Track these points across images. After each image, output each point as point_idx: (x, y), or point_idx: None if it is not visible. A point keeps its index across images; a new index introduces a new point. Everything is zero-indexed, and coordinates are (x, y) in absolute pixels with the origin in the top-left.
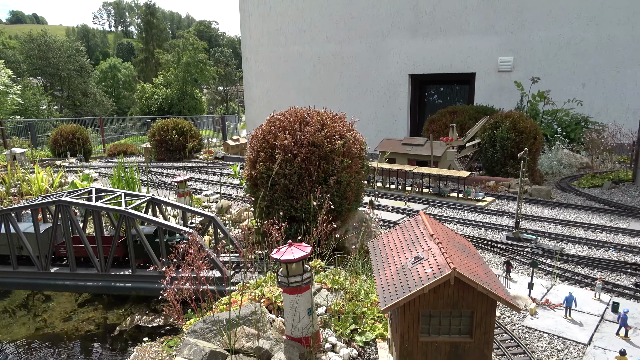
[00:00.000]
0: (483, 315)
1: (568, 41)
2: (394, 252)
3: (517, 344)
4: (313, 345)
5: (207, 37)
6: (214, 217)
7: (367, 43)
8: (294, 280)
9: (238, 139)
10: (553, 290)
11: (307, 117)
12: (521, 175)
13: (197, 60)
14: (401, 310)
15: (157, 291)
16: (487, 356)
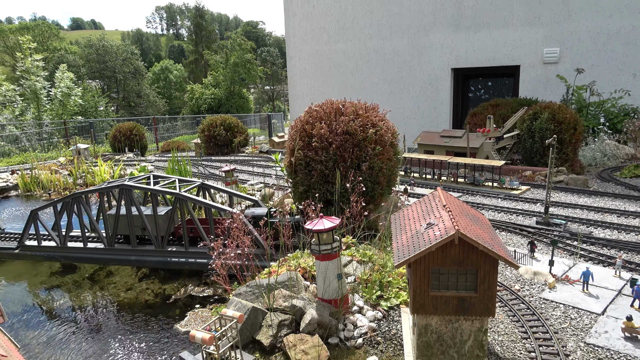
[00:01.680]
0: (486, 272)
1: (618, 30)
2: (411, 221)
3: (532, 312)
4: (341, 306)
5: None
6: (258, 201)
7: (409, 38)
8: (325, 248)
9: (283, 135)
10: (574, 269)
11: (341, 107)
12: (550, 161)
13: (245, 60)
14: (413, 267)
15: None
16: (491, 309)
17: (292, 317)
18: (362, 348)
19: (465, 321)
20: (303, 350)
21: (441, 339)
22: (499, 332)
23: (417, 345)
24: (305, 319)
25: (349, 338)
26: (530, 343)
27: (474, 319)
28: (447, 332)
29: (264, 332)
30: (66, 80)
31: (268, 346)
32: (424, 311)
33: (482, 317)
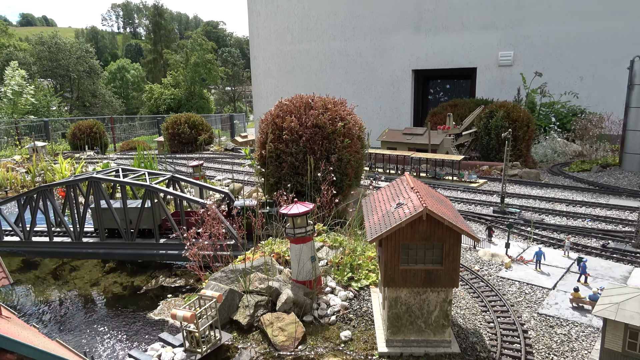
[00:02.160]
0: (451, 246)
1: (567, 35)
2: (381, 203)
3: (490, 289)
4: (315, 287)
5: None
6: (229, 193)
7: (372, 40)
8: (299, 231)
9: (246, 135)
10: (528, 251)
11: (311, 102)
12: (506, 153)
13: (206, 60)
14: (385, 243)
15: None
16: (455, 281)
17: (268, 298)
18: (336, 324)
19: (432, 293)
20: (280, 327)
21: (410, 310)
22: (461, 307)
23: (388, 317)
24: (281, 298)
25: (323, 316)
26: (490, 315)
27: (440, 291)
28: (416, 303)
29: (241, 312)
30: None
31: (246, 325)
32: (395, 284)
33: (447, 288)
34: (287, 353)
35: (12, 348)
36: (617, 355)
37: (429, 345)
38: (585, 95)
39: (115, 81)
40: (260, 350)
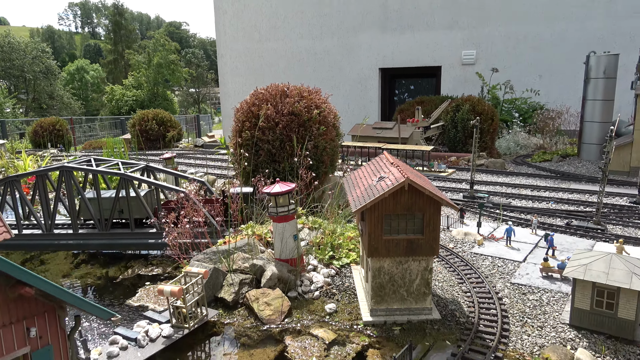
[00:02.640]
0: (431, 216)
1: (525, 36)
2: (363, 179)
3: (465, 263)
4: (298, 265)
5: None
6: (205, 182)
7: (339, 39)
8: (282, 210)
9: (213, 135)
10: (498, 230)
11: (286, 90)
12: (474, 140)
13: (169, 61)
14: (368, 214)
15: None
16: (435, 249)
17: (252, 277)
18: (320, 299)
19: (413, 262)
20: (266, 302)
21: (393, 279)
22: (439, 280)
23: (371, 287)
24: (266, 274)
25: (307, 292)
26: (466, 286)
27: (421, 259)
28: (398, 272)
29: (226, 290)
30: None
31: (231, 302)
32: (378, 254)
33: (427, 257)
34: (274, 326)
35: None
36: (586, 314)
37: (411, 313)
38: (544, 92)
39: (74, 82)
40: (247, 325)
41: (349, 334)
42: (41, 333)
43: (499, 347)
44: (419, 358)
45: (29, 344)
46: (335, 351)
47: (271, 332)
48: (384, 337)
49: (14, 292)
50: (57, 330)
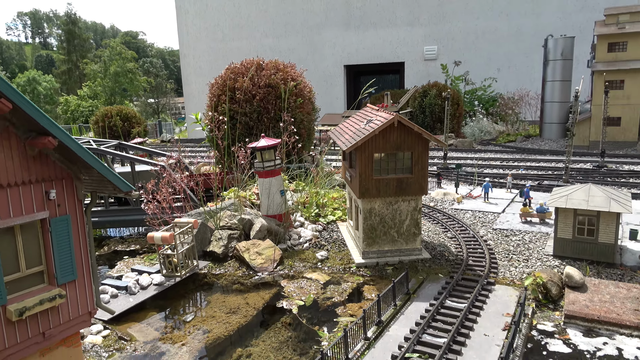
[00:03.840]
0: (420, 154)
1: (484, 31)
2: (351, 126)
3: (448, 216)
4: (287, 220)
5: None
6: (181, 159)
7: (303, 37)
8: (268, 165)
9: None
10: (475, 190)
11: (262, 63)
12: (446, 112)
13: (126, 69)
14: (359, 155)
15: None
16: (424, 188)
17: (240, 232)
18: (310, 250)
19: (403, 202)
20: (257, 252)
21: (383, 220)
22: (425, 230)
23: (363, 229)
24: (255, 227)
25: (296, 244)
26: (451, 233)
27: (411, 199)
28: (388, 213)
29: (215, 244)
30: None
31: (221, 254)
32: (369, 195)
33: (417, 196)
34: (267, 273)
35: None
36: (568, 243)
37: (402, 254)
38: (503, 83)
39: (25, 94)
40: (239, 274)
41: (342, 275)
42: (59, 201)
43: (489, 275)
44: (415, 288)
45: (47, 209)
46: (331, 289)
47: (264, 278)
48: (377, 275)
49: (34, 149)
50: (75, 202)
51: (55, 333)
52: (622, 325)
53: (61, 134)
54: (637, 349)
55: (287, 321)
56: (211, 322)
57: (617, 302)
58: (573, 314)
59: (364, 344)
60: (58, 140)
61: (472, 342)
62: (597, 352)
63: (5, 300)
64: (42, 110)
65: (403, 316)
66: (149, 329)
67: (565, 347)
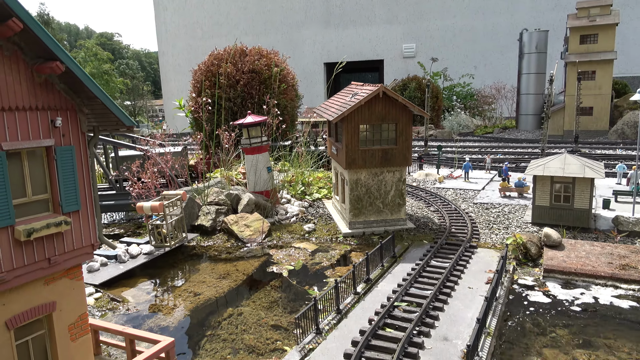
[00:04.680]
0: (404, 126)
1: (461, 29)
2: (337, 100)
3: (430, 193)
4: (274, 196)
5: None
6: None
7: (283, 34)
8: (255, 141)
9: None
10: (455, 172)
11: (245, 50)
12: (427, 99)
13: (102, 71)
14: (345, 126)
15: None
16: (408, 159)
17: (227, 207)
18: (297, 223)
19: (388, 173)
20: (245, 224)
21: (369, 191)
22: (409, 205)
23: (349, 199)
24: (243, 201)
25: (283, 219)
26: (434, 207)
27: (395, 170)
28: (374, 184)
29: (203, 218)
30: None
31: (209, 227)
32: (355, 165)
33: (401, 167)
34: (256, 244)
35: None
36: (546, 210)
37: (387, 224)
38: (480, 81)
39: None
40: (228, 245)
41: (330, 244)
42: (64, 131)
43: (472, 240)
44: (401, 252)
45: (53, 137)
46: (320, 255)
47: (253, 249)
48: (364, 244)
49: (40, 75)
50: (78, 134)
51: (60, 261)
52: (597, 276)
53: (68, 59)
54: (611, 296)
55: (277, 284)
56: (201, 286)
57: (592, 257)
58: (552, 268)
59: (354, 297)
60: (65, 66)
61: (457, 294)
62: (575, 301)
63: (13, 221)
64: None
65: (390, 275)
66: (140, 292)
67: (545, 297)
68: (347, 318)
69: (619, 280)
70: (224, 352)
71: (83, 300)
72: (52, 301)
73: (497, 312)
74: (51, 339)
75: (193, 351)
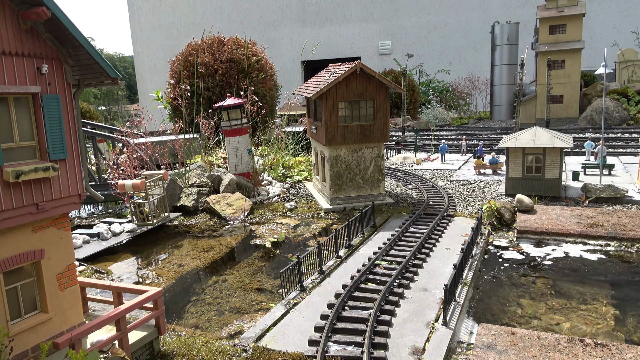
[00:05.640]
0: (381, 102)
1: (435, 25)
2: (315, 81)
3: (408, 173)
4: (255, 178)
5: None
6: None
7: (260, 33)
8: (235, 123)
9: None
10: (432, 155)
11: (223, 39)
12: (403, 83)
13: None
14: (324, 104)
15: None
16: (386, 135)
17: (209, 189)
18: (278, 202)
19: (367, 149)
20: (227, 203)
21: (349, 167)
22: (388, 185)
23: (329, 176)
24: (225, 181)
25: (265, 199)
26: (413, 185)
27: (374, 146)
28: (353, 160)
29: (185, 199)
30: None
31: (192, 207)
32: (335, 142)
33: (379, 143)
34: (238, 222)
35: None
36: (519, 181)
37: (367, 199)
38: (455, 77)
39: None
40: (211, 223)
41: (312, 219)
42: (49, 80)
43: (448, 210)
44: (381, 223)
45: (39, 84)
46: (302, 229)
47: (236, 226)
48: (345, 218)
49: (26, 22)
50: (64, 84)
51: (48, 207)
52: (567, 235)
53: (53, 5)
54: (581, 251)
55: (261, 255)
56: (185, 258)
57: (562, 219)
58: (524, 229)
59: (336, 260)
60: (51, 12)
61: (435, 254)
62: (547, 256)
63: (2, 162)
64: None
65: (371, 241)
66: (124, 265)
67: (519, 255)
68: (329, 277)
69: (588, 237)
70: (210, 314)
71: (71, 250)
72: (40, 249)
73: (474, 267)
74: (40, 287)
75: (178, 315)
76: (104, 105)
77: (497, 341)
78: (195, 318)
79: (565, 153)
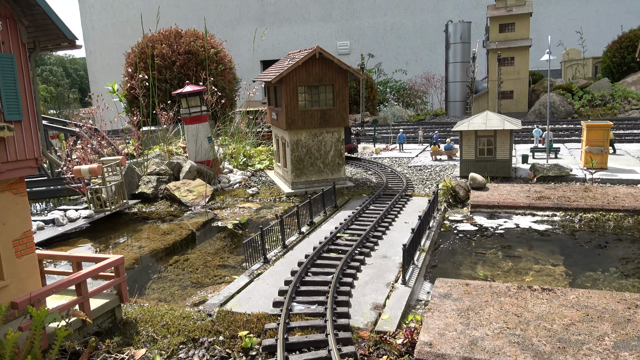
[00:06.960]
0: (340, 87)
1: (392, 26)
2: (276, 67)
3: (368, 161)
4: (216, 166)
5: None
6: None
7: (218, 32)
8: (195, 110)
9: None
10: (391, 145)
11: (180, 31)
12: (362, 82)
13: None
14: (284, 89)
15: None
16: (345, 120)
17: (169, 176)
18: (240, 189)
19: (327, 133)
20: (188, 189)
21: (310, 152)
22: (348, 172)
23: (291, 160)
24: (185, 168)
25: (226, 186)
26: (372, 171)
27: (334, 131)
28: (314, 145)
29: (144, 187)
30: None
31: (151, 194)
32: (295, 126)
33: (339, 127)
34: (200, 207)
35: None
36: (472, 163)
37: (328, 183)
38: (412, 77)
39: None
40: (171, 209)
41: (274, 203)
42: (3, 38)
43: (407, 191)
44: (342, 204)
45: None
46: (264, 211)
47: (198, 211)
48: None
49: None
50: (19, 45)
51: (3, 169)
52: (517, 207)
53: None
54: (530, 222)
55: (223, 235)
56: (145, 241)
57: (513, 194)
58: (477, 204)
59: (298, 236)
60: None
61: (394, 227)
62: (499, 227)
63: None
64: None
65: (332, 219)
66: (81, 250)
67: (472, 226)
68: (292, 250)
69: (536, 208)
70: (172, 289)
71: (28, 216)
72: None
73: (431, 237)
74: None
75: (140, 292)
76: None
77: (452, 291)
78: (158, 293)
79: (515, 141)
